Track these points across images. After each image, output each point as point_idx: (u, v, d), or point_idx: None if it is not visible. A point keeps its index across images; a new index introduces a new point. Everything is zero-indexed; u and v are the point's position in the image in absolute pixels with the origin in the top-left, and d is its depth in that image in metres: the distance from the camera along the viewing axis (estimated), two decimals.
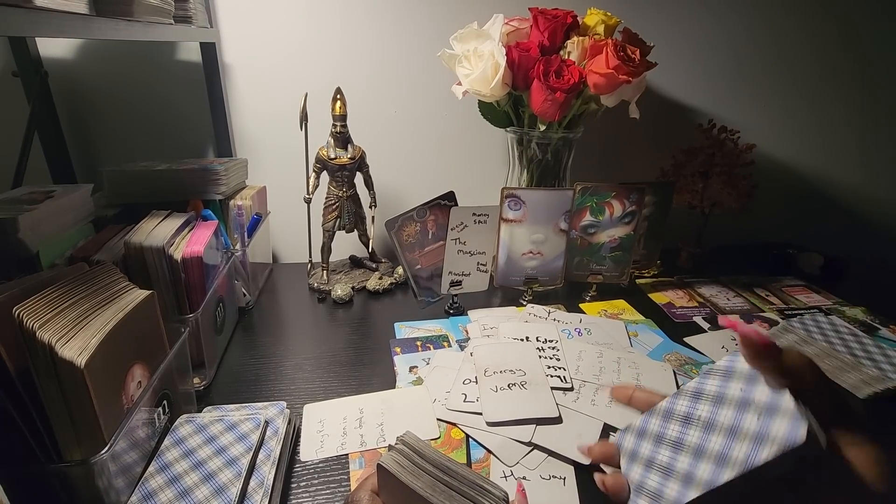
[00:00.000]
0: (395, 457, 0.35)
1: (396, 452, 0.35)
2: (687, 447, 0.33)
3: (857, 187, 1.14)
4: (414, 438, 0.36)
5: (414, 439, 0.36)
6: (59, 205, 0.61)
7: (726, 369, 0.33)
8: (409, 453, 0.35)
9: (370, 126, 0.95)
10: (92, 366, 0.39)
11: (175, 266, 0.59)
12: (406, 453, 0.35)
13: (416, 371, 0.66)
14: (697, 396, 0.35)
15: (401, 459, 0.35)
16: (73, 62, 0.86)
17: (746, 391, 0.31)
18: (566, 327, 0.75)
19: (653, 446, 0.36)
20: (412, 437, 0.36)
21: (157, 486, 0.44)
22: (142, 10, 0.55)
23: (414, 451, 0.35)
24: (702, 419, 0.33)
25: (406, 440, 0.36)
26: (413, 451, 0.35)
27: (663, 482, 0.34)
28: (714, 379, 0.34)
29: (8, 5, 0.35)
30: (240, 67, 0.91)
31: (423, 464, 0.34)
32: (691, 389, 0.35)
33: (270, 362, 0.69)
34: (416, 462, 0.34)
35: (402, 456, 0.35)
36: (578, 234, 0.84)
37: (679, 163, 0.95)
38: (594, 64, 0.71)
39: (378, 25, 0.91)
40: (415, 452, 0.35)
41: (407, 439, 0.36)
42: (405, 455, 0.35)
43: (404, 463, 0.34)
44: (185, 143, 0.94)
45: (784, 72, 1.03)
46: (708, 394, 0.34)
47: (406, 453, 0.35)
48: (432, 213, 0.76)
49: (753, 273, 0.97)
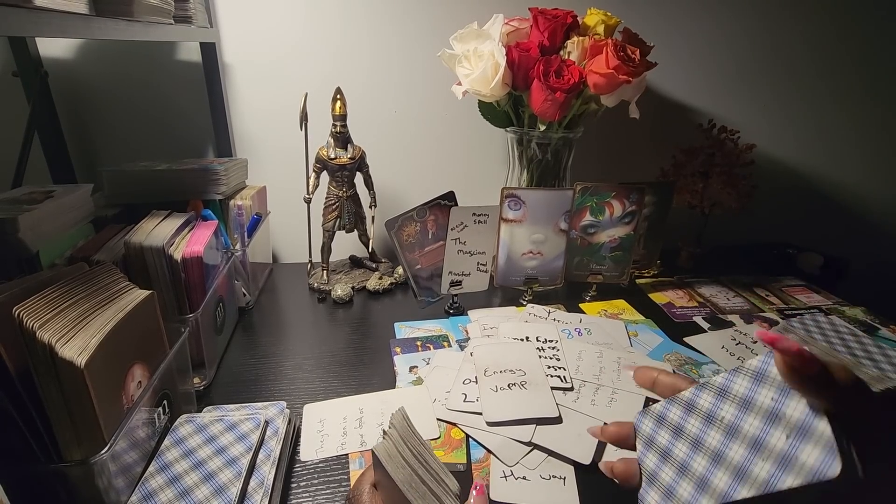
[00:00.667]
0: (385, 444, 0.35)
1: (387, 439, 0.36)
2: (706, 449, 0.32)
3: (857, 187, 1.14)
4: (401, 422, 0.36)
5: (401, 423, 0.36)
6: (59, 205, 0.61)
7: (758, 372, 0.30)
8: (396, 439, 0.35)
9: (370, 126, 0.95)
10: (92, 366, 0.39)
11: (175, 266, 0.59)
12: (395, 439, 0.35)
13: (416, 371, 0.66)
14: (723, 395, 0.32)
15: (390, 447, 0.35)
16: (73, 62, 0.86)
17: (778, 402, 0.28)
18: (566, 327, 0.75)
19: (671, 437, 0.35)
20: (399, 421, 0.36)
21: (157, 486, 0.44)
22: (142, 10, 0.55)
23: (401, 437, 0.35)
24: (725, 421, 0.31)
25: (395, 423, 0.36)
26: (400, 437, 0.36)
27: (677, 480, 0.33)
28: (743, 379, 0.31)
29: (8, 5, 0.35)
30: (240, 67, 0.91)
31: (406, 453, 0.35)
32: (717, 385, 0.33)
33: (270, 362, 0.69)
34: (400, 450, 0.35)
35: (391, 443, 0.35)
36: (578, 234, 0.84)
37: (679, 163, 0.95)
38: (594, 64, 0.71)
39: (378, 25, 0.91)
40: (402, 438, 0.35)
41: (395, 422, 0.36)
42: (394, 442, 0.35)
43: (391, 451, 0.35)
44: (185, 143, 0.94)
45: (784, 72, 1.03)
46: (735, 395, 0.31)
47: (395, 439, 0.35)
48: (432, 213, 0.76)
49: (753, 273, 0.97)
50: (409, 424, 0.36)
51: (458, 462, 0.52)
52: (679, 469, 0.33)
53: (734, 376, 0.32)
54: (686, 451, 0.33)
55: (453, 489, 0.33)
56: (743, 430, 0.30)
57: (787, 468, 0.27)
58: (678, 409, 0.35)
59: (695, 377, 0.65)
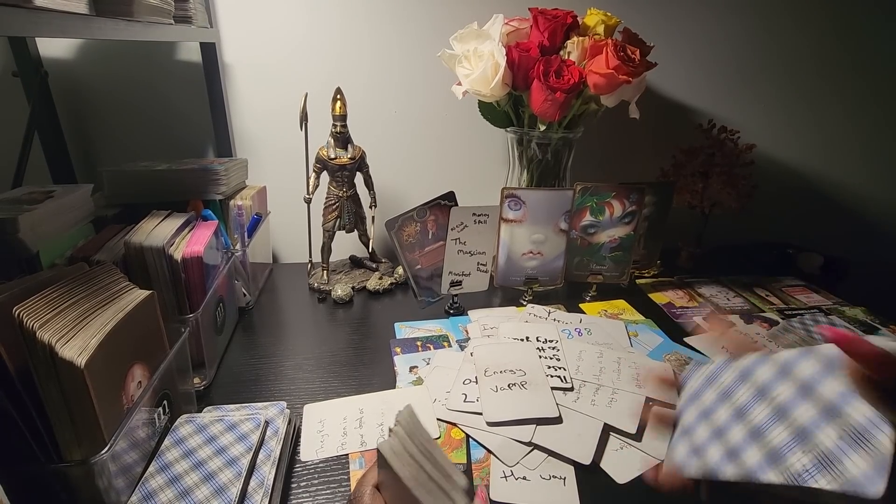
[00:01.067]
0: (391, 442, 0.35)
1: (393, 436, 0.35)
2: (748, 421, 0.30)
3: (857, 187, 1.14)
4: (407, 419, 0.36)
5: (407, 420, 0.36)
6: (59, 205, 0.61)
7: (831, 360, 0.28)
8: (402, 436, 0.35)
9: (370, 126, 0.95)
10: (92, 366, 0.39)
11: (175, 266, 0.59)
12: (400, 436, 0.35)
13: (417, 371, 0.66)
14: (785, 373, 0.30)
15: (395, 444, 0.35)
16: (73, 62, 0.86)
17: (841, 400, 0.26)
18: (566, 327, 0.75)
19: (716, 398, 0.33)
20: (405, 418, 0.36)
21: (157, 486, 0.44)
22: (142, 10, 0.55)
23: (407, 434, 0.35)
24: (776, 402, 0.29)
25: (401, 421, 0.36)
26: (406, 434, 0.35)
27: (710, 442, 0.32)
28: (810, 363, 0.29)
29: (8, 5, 0.35)
30: (240, 67, 0.91)
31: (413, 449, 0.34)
32: (781, 362, 0.31)
33: (270, 362, 0.69)
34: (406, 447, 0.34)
35: (396, 440, 0.35)
36: (578, 234, 0.84)
37: (679, 163, 0.95)
38: (594, 64, 0.71)
39: (378, 25, 0.91)
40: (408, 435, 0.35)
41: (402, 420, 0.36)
42: (400, 439, 0.35)
43: (397, 449, 0.34)
44: (185, 143, 0.94)
45: (784, 72, 1.03)
46: (797, 377, 0.29)
47: (400, 436, 0.35)
48: (432, 213, 0.76)
49: (753, 273, 0.97)
50: (416, 421, 0.36)
51: (458, 462, 0.52)
52: (715, 432, 0.32)
53: (802, 358, 0.29)
54: (727, 418, 0.32)
55: (462, 485, 0.33)
56: (793, 415, 0.28)
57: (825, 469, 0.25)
58: (732, 375, 0.33)
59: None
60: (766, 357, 0.32)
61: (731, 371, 0.33)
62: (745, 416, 0.31)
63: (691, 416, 0.34)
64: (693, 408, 0.35)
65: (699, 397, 0.35)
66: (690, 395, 0.36)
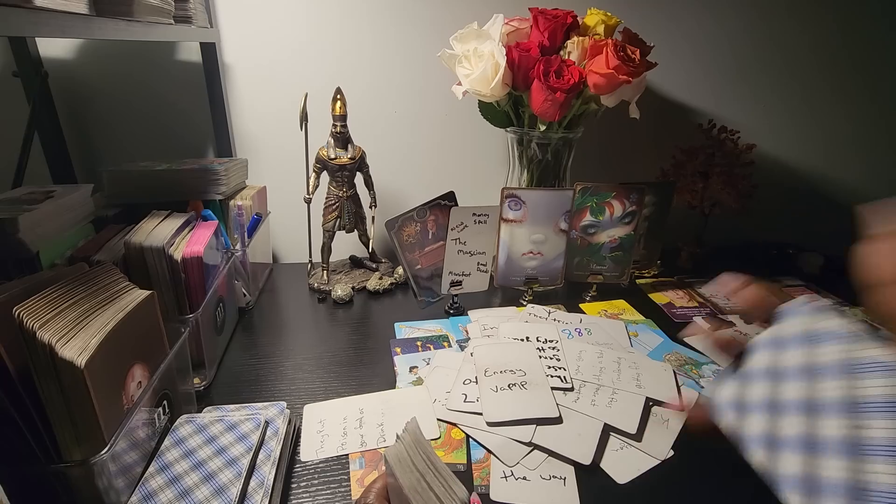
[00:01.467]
0: (396, 448, 0.35)
1: (399, 442, 0.36)
2: (811, 425, 0.26)
3: (857, 187, 1.14)
4: (414, 429, 0.36)
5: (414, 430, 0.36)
6: (59, 205, 0.61)
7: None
8: (408, 443, 0.35)
9: (370, 126, 0.95)
10: (92, 366, 0.39)
11: (175, 266, 0.59)
12: (406, 443, 0.35)
13: (417, 371, 0.66)
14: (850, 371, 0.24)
15: (400, 451, 0.35)
16: (73, 62, 0.86)
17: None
18: (566, 327, 0.75)
19: (799, 368, 0.28)
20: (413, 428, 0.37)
21: (157, 486, 0.44)
22: (142, 10, 0.55)
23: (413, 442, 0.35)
24: (857, 434, 0.24)
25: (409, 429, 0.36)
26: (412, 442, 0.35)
27: (758, 408, 0.28)
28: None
29: (8, 5, 0.35)
30: (240, 67, 0.91)
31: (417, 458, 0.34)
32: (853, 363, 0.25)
33: (270, 362, 0.69)
34: (411, 455, 0.35)
35: (402, 447, 0.35)
36: (578, 234, 0.84)
37: (679, 163, 0.95)
38: (594, 64, 0.71)
39: (378, 25, 0.91)
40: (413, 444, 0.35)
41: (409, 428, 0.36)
42: (405, 446, 0.35)
43: (402, 456, 0.35)
44: (185, 143, 0.94)
45: (784, 72, 1.03)
46: (876, 401, 0.23)
47: (406, 443, 0.35)
48: (432, 213, 0.75)
49: (753, 273, 0.97)
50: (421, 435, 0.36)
51: (458, 462, 0.52)
52: (771, 404, 0.27)
53: (880, 375, 0.24)
54: (795, 402, 0.27)
55: (461, 497, 0.33)
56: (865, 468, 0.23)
57: None
58: (835, 355, 0.26)
59: (695, 377, 0.65)
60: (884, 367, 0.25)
61: (836, 348, 0.26)
62: (815, 417, 0.25)
63: (761, 363, 0.29)
64: (769, 355, 0.29)
65: (783, 347, 0.29)
66: (775, 339, 0.30)
